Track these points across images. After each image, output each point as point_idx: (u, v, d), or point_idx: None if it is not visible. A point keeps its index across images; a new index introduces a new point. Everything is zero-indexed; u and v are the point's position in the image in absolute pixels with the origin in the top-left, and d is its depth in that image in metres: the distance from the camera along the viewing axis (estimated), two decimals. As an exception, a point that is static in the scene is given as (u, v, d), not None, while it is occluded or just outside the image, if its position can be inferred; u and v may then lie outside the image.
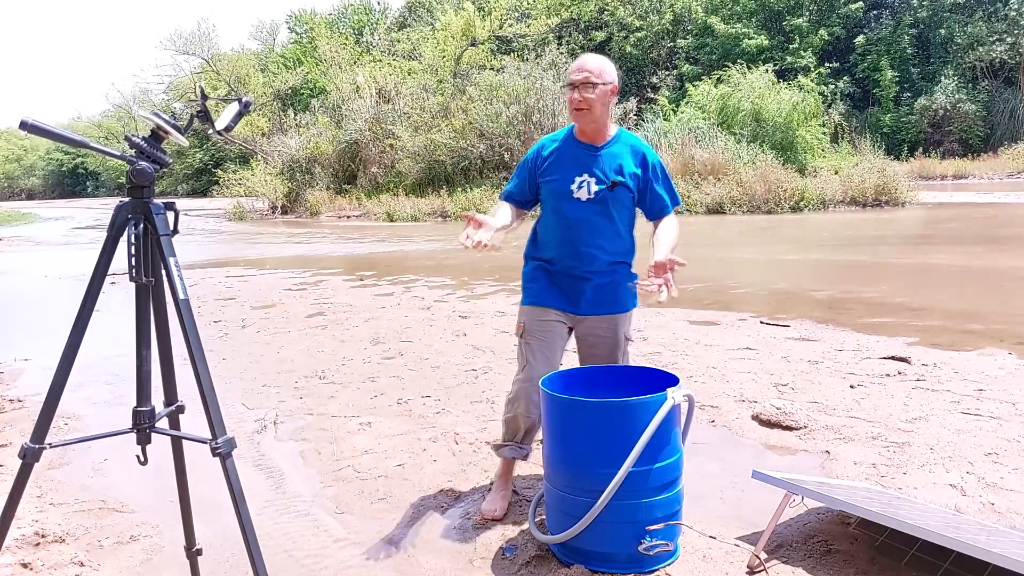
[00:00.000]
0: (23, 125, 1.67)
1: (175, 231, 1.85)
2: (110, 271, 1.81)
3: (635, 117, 24.44)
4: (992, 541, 2.06)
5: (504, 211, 2.73)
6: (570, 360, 2.99)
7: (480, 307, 7.08)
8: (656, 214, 2.74)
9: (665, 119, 23.95)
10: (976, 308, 6.37)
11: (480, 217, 2.50)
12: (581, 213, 2.65)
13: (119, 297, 7.19)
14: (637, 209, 2.77)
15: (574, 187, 2.65)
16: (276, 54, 47.83)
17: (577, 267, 2.70)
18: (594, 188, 2.64)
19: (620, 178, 2.65)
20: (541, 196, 2.77)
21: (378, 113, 26.43)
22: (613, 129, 2.73)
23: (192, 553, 2.16)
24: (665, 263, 2.45)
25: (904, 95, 34.91)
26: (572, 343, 2.86)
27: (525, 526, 2.61)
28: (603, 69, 2.62)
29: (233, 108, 1.94)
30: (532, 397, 2.70)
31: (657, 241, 2.66)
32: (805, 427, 3.49)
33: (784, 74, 29.78)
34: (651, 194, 2.73)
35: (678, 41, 37.83)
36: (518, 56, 26.39)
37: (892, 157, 26.27)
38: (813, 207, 17.93)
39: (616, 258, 2.72)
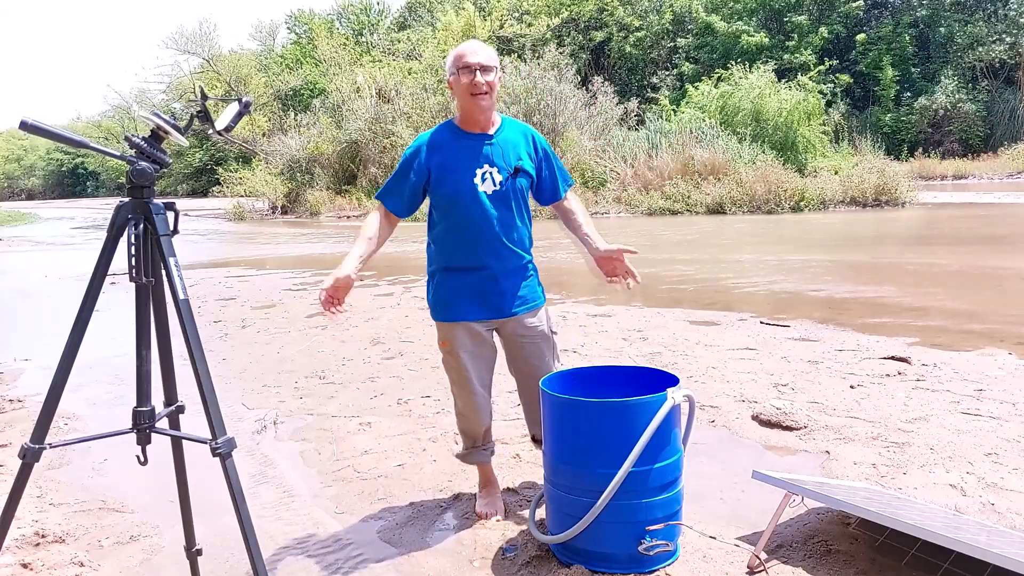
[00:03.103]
0: (23, 125, 1.67)
1: (175, 231, 1.85)
2: (110, 271, 1.81)
3: (636, 117, 24.43)
4: (992, 541, 2.06)
5: (364, 238, 2.54)
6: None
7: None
8: (554, 194, 2.69)
9: (666, 120, 23.93)
10: (976, 308, 6.37)
11: (336, 287, 2.42)
12: (490, 208, 2.53)
13: (119, 297, 7.19)
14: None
15: (477, 180, 2.51)
16: (276, 54, 47.82)
17: (496, 266, 2.57)
18: (498, 179, 2.53)
19: (520, 162, 2.57)
20: (438, 201, 2.58)
21: (378, 113, 26.42)
22: (498, 117, 2.64)
23: (192, 553, 2.16)
24: (614, 252, 2.53)
25: (904, 95, 34.88)
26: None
27: (525, 526, 2.61)
28: (494, 57, 2.55)
29: (233, 108, 1.94)
30: (477, 404, 2.67)
31: (582, 229, 2.66)
32: (805, 427, 3.49)
33: (784, 72, 29.76)
34: (548, 174, 2.67)
35: (678, 41, 37.82)
36: (518, 56, 26.40)
37: (892, 157, 26.27)
38: (813, 207, 17.92)
39: (527, 250, 2.67)
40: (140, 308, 1.87)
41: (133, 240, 1.77)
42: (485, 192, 2.53)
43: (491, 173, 2.54)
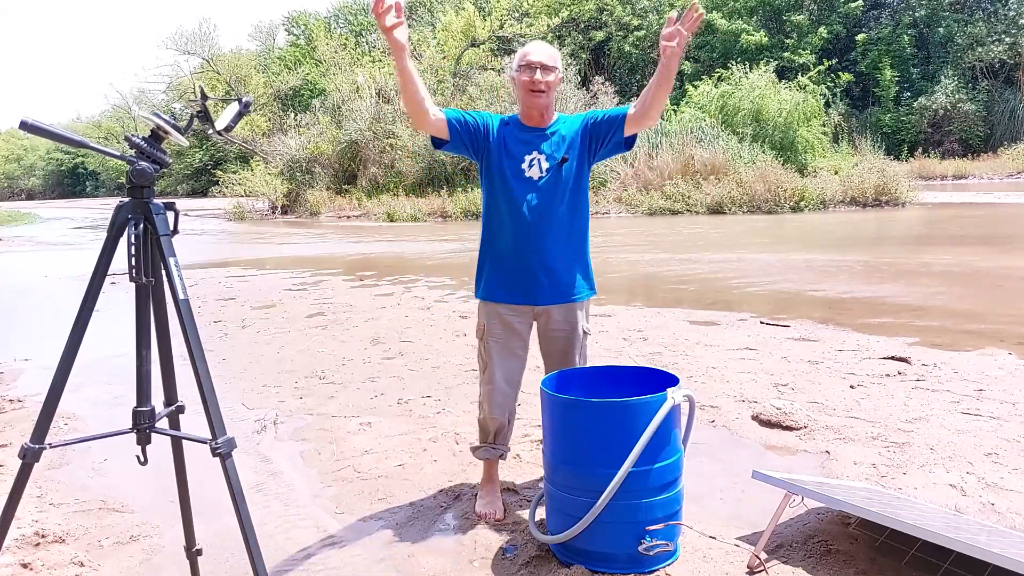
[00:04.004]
0: (23, 125, 1.67)
1: (175, 231, 1.85)
2: (110, 271, 1.81)
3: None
4: (992, 541, 2.06)
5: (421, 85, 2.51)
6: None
7: (480, 307, 7.08)
8: (620, 117, 2.59)
9: (666, 120, 23.93)
10: (976, 308, 6.37)
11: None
12: (532, 193, 2.61)
13: (119, 297, 7.19)
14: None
15: (525, 165, 2.62)
16: (275, 55, 47.83)
17: (532, 251, 2.62)
18: (545, 165, 2.62)
19: (571, 152, 2.64)
20: (487, 181, 2.68)
21: (378, 113, 26.41)
22: (555, 115, 2.72)
23: (192, 553, 2.16)
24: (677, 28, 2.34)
25: (904, 95, 34.89)
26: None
27: (525, 526, 2.61)
28: (557, 59, 2.65)
29: (233, 108, 1.95)
30: (495, 398, 2.71)
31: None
32: (805, 427, 3.49)
33: (784, 72, 29.77)
34: (603, 115, 2.64)
35: (678, 40, 37.78)
36: (519, 56, 26.33)
37: (892, 157, 26.28)
38: (813, 207, 17.93)
39: (572, 242, 2.68)
40: (140, 308, 1.87)
41: (133, 240, 1.77)
42: (531, 177, 2.62)
43: (539, 160, 2.63)
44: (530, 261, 2.63)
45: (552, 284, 2.66)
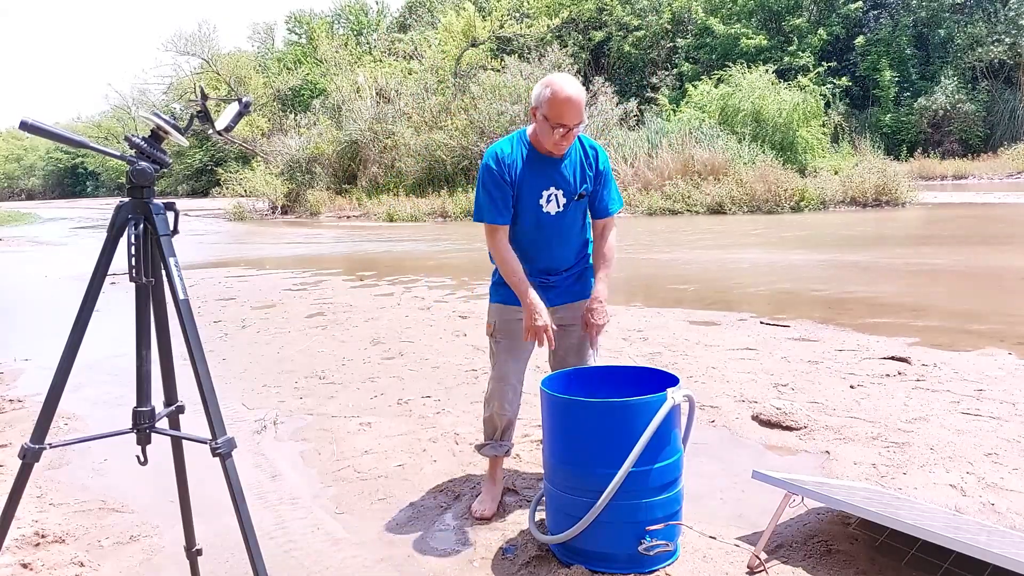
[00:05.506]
0: (23, 125, 1.67)
1: (175, 231, 1.85)
2: (110, 271, 1.81)
3: (635, 117, 24.43)
4: (992, 541, 2.06)
5: (514, 265, 2.63)
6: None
7: (480, 307, 7.08)
8: (601, 213, 2.76)
9: (666, 119, 23.93)
10: (976, 308, 6.37)
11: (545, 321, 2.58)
12: (551, 225, 2.67)
13: (119, 297, 7.19)
14: None
15: (543, 201, 2.65)
16: (275, 55, 47.83)
17: (549, 269, 2.76)
18: (562, 201, 2.66)
19: (585, 187, 2.69)
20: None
21: (378, 113, 26.41)
22: None
23: (192, 553, 2.16)
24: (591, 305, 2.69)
25: (904, 95, 34.85)
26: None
27: (525, 526, 2.61)
28: (584, 100, 2.56)
29: (233, 108, 1.94)
30: (506, 395, 2.75)
31: (599, 270, 2.76)
32: (805, 427, 3.49)
33: (784, 74, 29.74)
34: (599, 195, 2.74)
35: (677, 41, 37.80)
36: (519, 56, 26.39)
37: (892, 157, 26.27)
38: (813, 207, 17.93)
39: (582, 250, 2.83)
40: (140, 308, 1.87)
41: (133, 240, 1.77)
42: (549, 212, 2.66)
43: (556, 195, 2.66)
44: (547, 275, 2.76)
45: (566, 287, 2.79)
